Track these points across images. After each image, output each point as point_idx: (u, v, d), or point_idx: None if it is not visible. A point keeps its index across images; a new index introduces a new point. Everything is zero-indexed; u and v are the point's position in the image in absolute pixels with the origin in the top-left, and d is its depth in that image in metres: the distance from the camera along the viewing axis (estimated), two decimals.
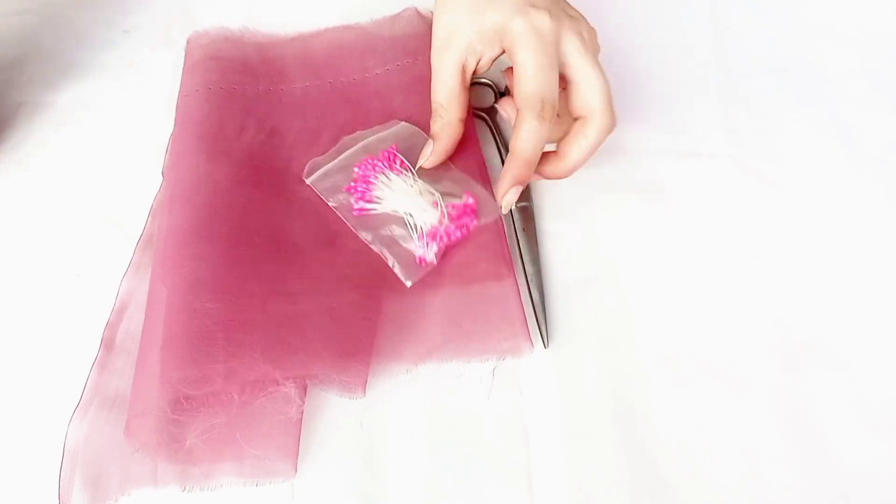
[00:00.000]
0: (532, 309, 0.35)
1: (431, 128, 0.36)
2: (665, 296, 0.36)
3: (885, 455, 0.31)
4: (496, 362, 0.33)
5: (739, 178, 0.40)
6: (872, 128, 0.42)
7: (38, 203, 0.38)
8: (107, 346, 0.33)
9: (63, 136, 0.41)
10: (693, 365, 0.33)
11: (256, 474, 0.30)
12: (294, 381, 0.30)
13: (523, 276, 0.36)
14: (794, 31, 0.47)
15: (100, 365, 0.33)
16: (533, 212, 0.38)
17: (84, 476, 0.30)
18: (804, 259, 0.37)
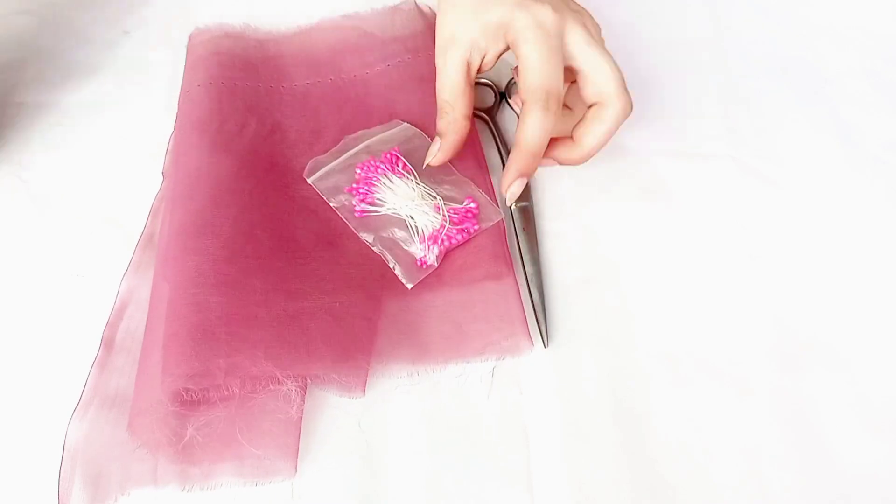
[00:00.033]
0: (532, 309, 0.35)
1: (438, 125, 0.36)
2: (665, 296, 0.36)
3: (885, 455, 0.31)
4: (496, 362, 0.33)
5: (739, 178, 0.40)
6: (872, 128, 0.42)
7: (38, 203, 0.38)
8: (107, 345, 0.33)
9: (63, 136, 0.41)
10: (693, 365, 0.33)
11: (256, 474, 0.30)
12: (294, 380, 0.30)
13: (523, 276, 0.36)
14: (794, 31, 0.47)
15: (100, 364, 0.33)
16: (533, 212, 0.38)
17: (84, 475, 0.30)
18: (804, 259, 0.37)
